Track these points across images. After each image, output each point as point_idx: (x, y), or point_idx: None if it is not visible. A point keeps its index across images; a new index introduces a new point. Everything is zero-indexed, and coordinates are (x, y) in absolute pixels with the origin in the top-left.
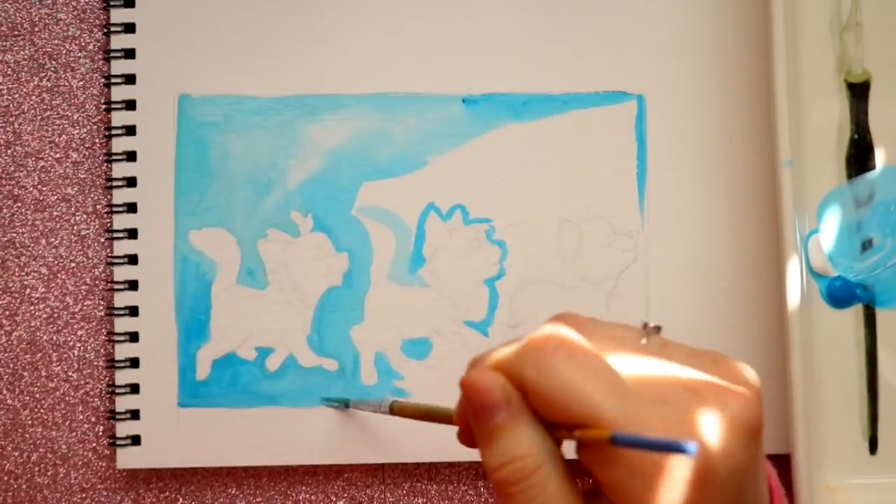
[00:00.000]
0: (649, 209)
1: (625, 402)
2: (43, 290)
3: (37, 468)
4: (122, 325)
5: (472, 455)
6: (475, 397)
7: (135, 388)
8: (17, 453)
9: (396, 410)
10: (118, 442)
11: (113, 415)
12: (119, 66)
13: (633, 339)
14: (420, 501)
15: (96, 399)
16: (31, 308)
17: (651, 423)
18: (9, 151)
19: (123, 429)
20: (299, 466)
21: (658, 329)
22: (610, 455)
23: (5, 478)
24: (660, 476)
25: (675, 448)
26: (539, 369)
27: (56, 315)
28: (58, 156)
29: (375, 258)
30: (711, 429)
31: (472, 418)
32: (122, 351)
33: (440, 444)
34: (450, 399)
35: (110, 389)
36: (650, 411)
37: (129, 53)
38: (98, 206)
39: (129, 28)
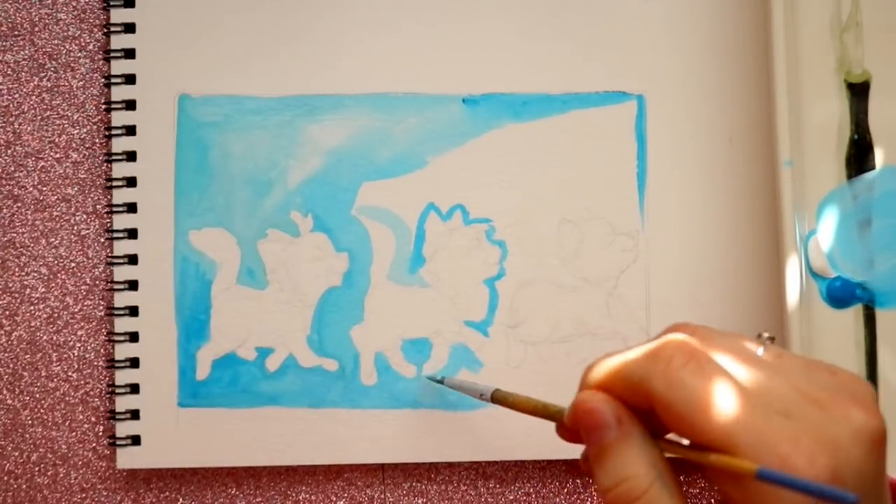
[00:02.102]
0: (649, 209)
1: (753, 418)
2: (43, 290)
3: (37, 468)
4: (122, 325)
5: (472, 455)
6: (585, 418)
7: (135, 388)
8: (17, 453)
9: (499, 399)
10: (118, 442)
11: (113, 415)
12: (119, 66)
13: (750, 349)
14: (420, 501)
15: (96, 399)
16: (31, 308)
17: (780, 441)
18: (9, 151)
19: (123, 429)
20: (299, 466)
21: (772, 339)
22: (741, 476)
23: (5, 478)
24: (793, 499)
25: (833, 496)
26: (668, 382)
27: (56, 315)
28: (58, 156)
29: (375, 258)
30: (836, 445)
31: (584, 439)
32: (122, 351)
33: (440, 444)
34: None
35: (110, 389)
36: (779, 428)
37: (129, 53)
38: (98, 206)
39: (129, 28)
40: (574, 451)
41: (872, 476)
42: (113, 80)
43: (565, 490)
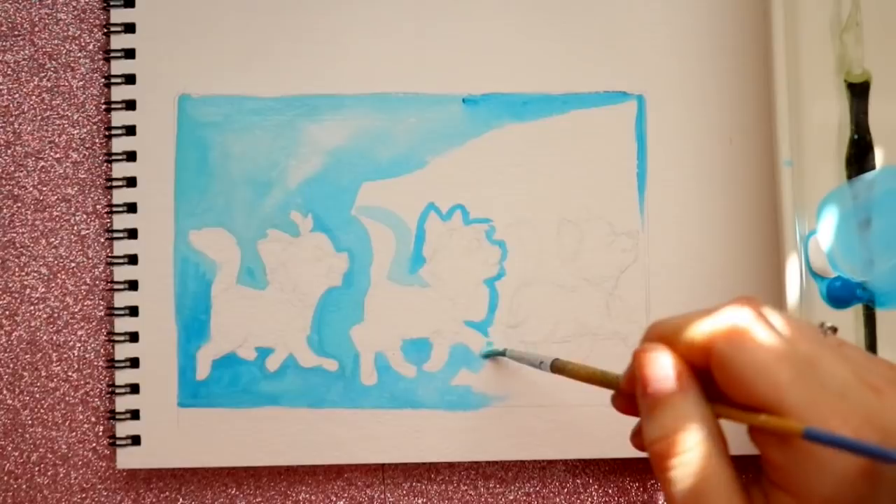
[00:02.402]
0: (649, 209)
1: (809, 390)
2: (43, 290)
3: (37, 468)
4: (122, 325)
5: (472, 455)
6: (645, 367)
7: (135, 388)
8: (17, 453)
9: (558, 368)
10: (118, 442)
11: (113, 415)
12: (119, 66)
13: (814, 333)
14: (420, 501)
15: (96, 399)
16: (31, 308)
17: (832, 415)
18: (9, 151)
19: (123, 429)
20: (299, 466)
21: (835, 330)
22: (787, 439)
23: (5, 478)
24: (835, 469)
25: (877, 454)
26: (731, 342)
27: (56, 315)
28: (58, 156)
29: (375, 258)
30: (883, 427)
31: (639, 388)
32: (122, 351)
33: (440, 444)
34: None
35: (110, 389)
36: (832, 403)
37: (129, 53)
38: (98, 206)
39: (129, 28)
40: (572, 452)
41: None
42: (113, 80)
43: (565, 490)
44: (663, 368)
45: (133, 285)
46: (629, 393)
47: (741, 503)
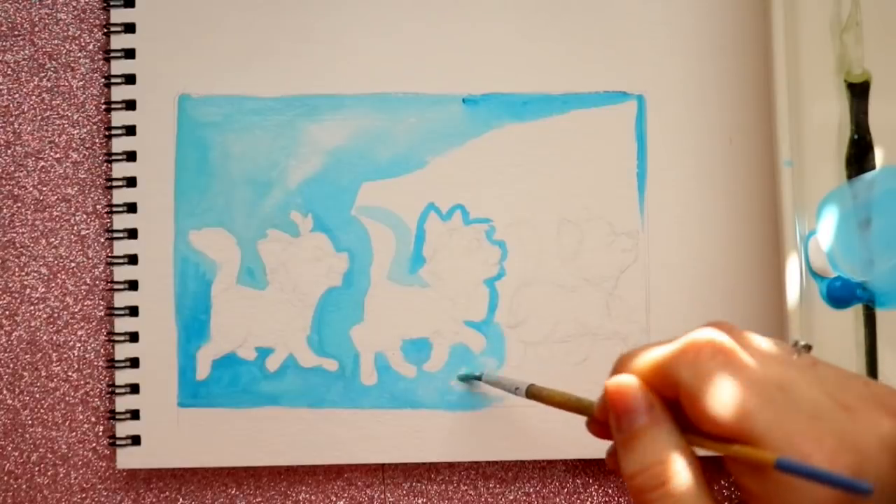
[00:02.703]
0: (649, 209)
1: (778, 415)
2: (43, 290)
3: (37, 468)
4: (122, 325)
5: (472, 455)
6: (617, 402)
7: (135, 388)
8: (17, 453)
9: (533, 395)
10: (118, 442)
11: (113, 415)
12: (119, 66)
13: (785, 355)
14: (420, 501)
15: (96, 399)
16: (31, 308)
17: (804, 439)
18: (9, 151)
19: (123, 429)
20: (299, 466)
21: (809, 348)
22: (762, 468)
23: (5, 478)
24: (810, 492)
25: (849, 486)
26: (695, 372)
27: (56, 315)
28: (58, 156)
29: (375, 258)
30: (859, 450)
31: (612, 422)
32: (122, 351)
33: (440, 444)
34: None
35: (110, 389)
36: (803, 427)
37: (129, 53)
38: (98, 206)
39: (129, 28)
40: (572, 451)
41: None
42: (113, 80)
43: (565, 490)
44: (636, 401)
45: (133, 285)
46: (604, 421)
47: None
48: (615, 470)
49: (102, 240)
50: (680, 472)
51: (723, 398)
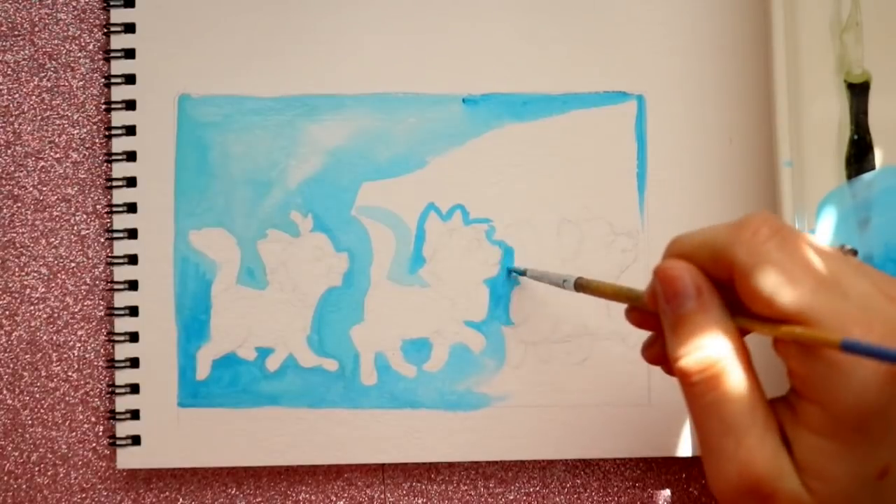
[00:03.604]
0: (649, 209)
1: (831, 301)
2: (43, 290)
3: (37, 468)
4: (122, 325)
5: (472, 455)
6: (667, 286)
7: (135, 388)
8: (17, 453)
9: (582, 286)
10: (118, 442)
11: (113, 415)
12: (119, 66)
13: (835, 252)
14: (420, 501)
15: (96, 399)
16: (31, 308)
17: (855, 323)
18: (9, 151)
19: (123, 429)
20: (299, 466)
21: (855, 252)
22: (811, 350)
23: (5, 478)
24: (859, 378)
25: None
26: (752, 251)
27: (56, 315)
28: (58, 156)
29: (375, 258)
30: None
31: (661, 306)
32: (122, 351)
33: (440, 444)
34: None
35: (110, 389)
36: (855, 314)
37: (129, 53)
38: (98, 206)
39: (129, 28)
40: (572, 452)
41: None
42: (113, 80)
43: (565, 490)
44: (684, 285)
45: (133, 285)
46: (652, 309)
47: (766, 415)
48: (651, 362)
49: (102, 240)
50: (726, 356)
51: (779, 280)
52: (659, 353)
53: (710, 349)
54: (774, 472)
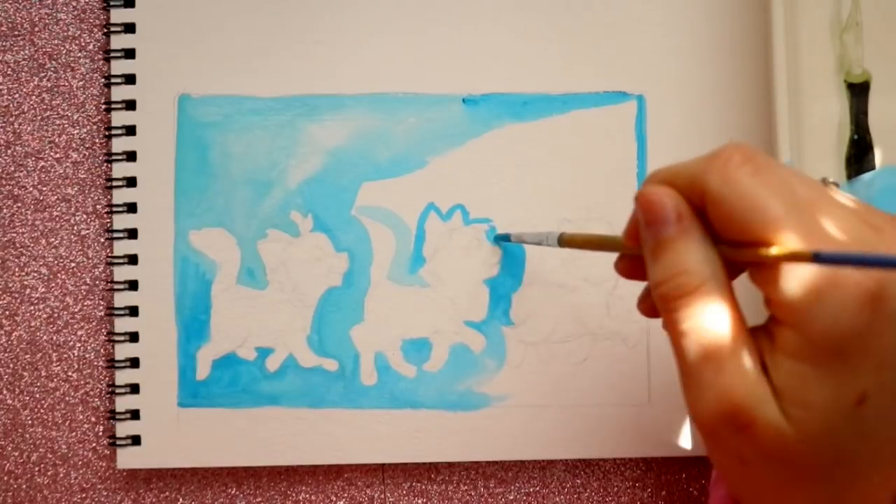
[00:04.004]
0: None
1: (805, 224)
2: (43, 290)
3: (37, 468)
4: (122, 325)
5: (472, 455)
6: (648, 211)
7: (135, 388)
8: (17, 453)
9: (566, 241)
10: (118, 442)
11: (113, 415)
12: (119, 66)
13: (814, 180)
14: (420, 501)
15: (96, 399)
16: (31, 308)
17: (832, 247)
18: (9, 151)
19: (123, 429)
20: (299, 466)
21: (836, 185)
22: (783, 272)
23: (5, 478)
24: (833, 292)
25: (885, 263)
26: (724, 178)
27: (56, 315)
28: (58, 156)
29: (375, 258)
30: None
31: (642, 232)
32: (122, 351)
33: (440, 444)
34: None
35: (110, 389)
36: (829, 235)
37: (129, 53)
38: (98, 206)
39: (129, 28)
40: (572, 452)
41: None
42: (113, 80)
43: (565, 490)
44: (664, 210)
45: (133, 285)
46: (634, 248)
47: (746, 342)
48: (646, 314)
49: (102, 240)
50: (708, 280)
51: (750, 204)
52: (654, 306)
53: (691, 274)
54: (753, 399)
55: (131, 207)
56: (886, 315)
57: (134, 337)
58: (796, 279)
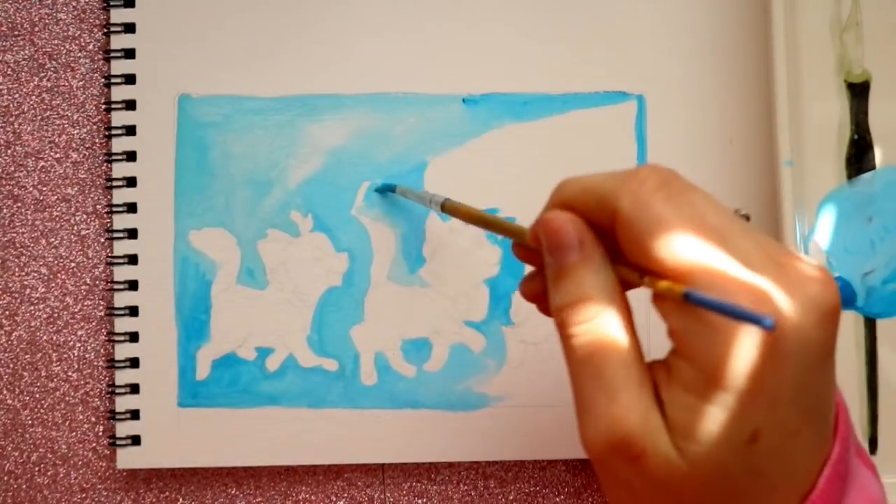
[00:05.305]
0: None
1: (709, 257)
2: (43, 290)
3: (37, 468)
4: (122, 325)
5: (472, 455)
6: (551, 237)
7: (135, 388)
8: (17, 453)
9: (449, 209)
10: (118, 442)
11: (113, 415)
12: (119, 66)
13: (726, 210)
14: (420, 501)
15: (96, 399)
16: (31, 308)
17: (732, 282)
18: (9, 151)
19: (123, 429)
20: (299, 466)
21: (748, 217)
22: (685, 306)
23: (5, 478)
24: (730, 334)
25: (751, 319)
26: (636, 201)
27: (56, 315)
28: (58, 156)
29: (375, 258)
30: (789, 301)
31: (545, 256)
32: (122, 351)
33: (440, 444)
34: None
35: (110, 389)
36: (733, 271)
37: (129, 53)
38: (98, 206)
39: (129, 28)
40: (572, 452)
41: (819, 346)
42: (113, 80)
43: (565, 490)
44: (568, 237)
45: (133, 285)
46: (535, 247)
47: (640, 374)
48: (528, 298)
49: (102, 240)
50: (605, 311)
51: (659, 233)
52: (537, 291)
53: (590, 303)
54: (644, 430)
55: (131, 207)
56: (783, 352)
57: (134, 337)
58: (693, 311)
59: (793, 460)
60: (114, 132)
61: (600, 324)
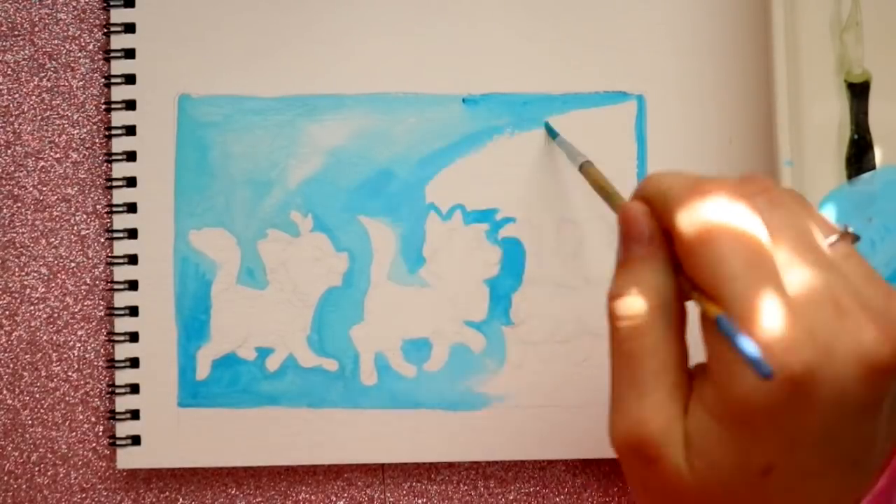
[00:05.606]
0: None
1: (754, 288)
2: (43, 290)
3: (37, 468)
4: (122, 325)
5: (472, 455)
6: (624, 226)
7: (135, 388)
8: (17, 453)
9: (584, 171)
10: (118, 442)
11: (113, 415)
12: (119, 66)
13: (824, 234)
14: (420, 501)
15: (96, 399)
16: (31, 308)
17: (774, 318)
18: (9, 151)
19: (123, 429)
20: (299, 466)
21: (856, 238)
22: (717, 330)
23: (5, 478)
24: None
25: (752, 362)
26: (692, 213)
27: (56, 315)
28: (58, 156)
29: (375, 258)
30: (829, 349)
31: (618, 242)
32: (122, 351)
33: (440, 444)
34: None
35: (110, 389)
36: (779, 307)
37: (129, 53)
38: (98, 206)
39: (129, 28)
40: (572, 452)
41: (858, 397)
42: (113, 80)
43: (565, 490)
44: (639, 231)
45: (133, 285)
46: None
47: (675, 381)
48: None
49: (102, 240)
50: (654, 311)
51: (710, 256)
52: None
53: (642, 301)
54: (664, 437)
55: (131, 207)
56: (812, 399)
57: (134, 337)
58: (727, 347)
59: (812, 499)
60: (114, 132)
61: (646, 324)
